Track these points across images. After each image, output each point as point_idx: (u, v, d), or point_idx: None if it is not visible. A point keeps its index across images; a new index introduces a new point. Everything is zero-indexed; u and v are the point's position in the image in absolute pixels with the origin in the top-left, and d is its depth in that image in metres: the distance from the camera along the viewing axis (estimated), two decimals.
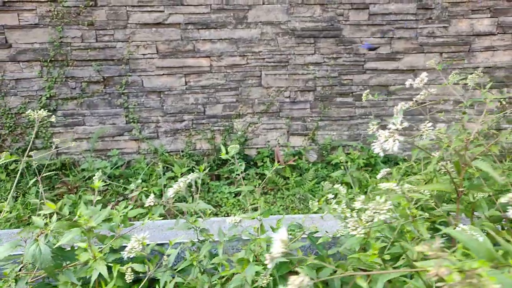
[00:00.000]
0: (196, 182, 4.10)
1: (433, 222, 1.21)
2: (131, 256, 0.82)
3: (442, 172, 1.26)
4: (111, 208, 1.57)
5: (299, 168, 4.03)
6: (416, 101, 1.43)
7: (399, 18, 3.91)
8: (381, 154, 0.83)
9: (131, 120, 3.99)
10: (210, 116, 4.08)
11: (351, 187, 3.80)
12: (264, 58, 3.95)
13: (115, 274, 0.91)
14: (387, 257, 0.91)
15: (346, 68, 4.05)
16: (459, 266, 0.46)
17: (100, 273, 0.88)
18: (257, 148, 4.20)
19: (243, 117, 4.12)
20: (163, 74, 3.90)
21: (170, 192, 0.96)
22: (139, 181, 2.41)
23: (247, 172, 3.90)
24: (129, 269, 0.91)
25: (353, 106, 4.17)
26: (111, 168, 3.82)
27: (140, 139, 4.06)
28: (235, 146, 1.52)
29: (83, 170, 3.84)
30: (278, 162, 4.00)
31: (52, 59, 3.75)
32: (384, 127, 0.93)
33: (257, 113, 4.12)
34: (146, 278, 0.98)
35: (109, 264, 0.94)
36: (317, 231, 1.20)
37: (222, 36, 3.84)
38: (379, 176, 1.51)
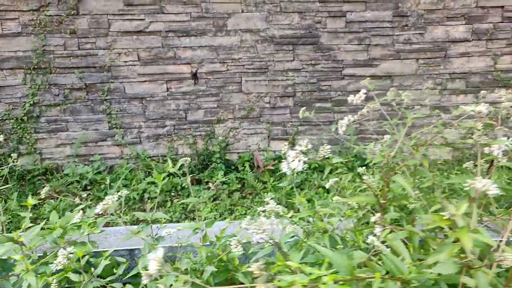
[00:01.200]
0: (175, 187, 4.12)
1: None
2: (58, 268, 0.90)
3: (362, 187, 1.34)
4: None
5: (278, 173, 4.11)
6: (361, 114, 1.51)
7: (375, 26, 4.00)
8: (288, 173, 0.91)
9: (114, 126, 4.07)
10: (191, 122, 4.16)
11: (328, 191, 3.88)
12: (244, 65, 4.03)
13: (40, 284, 0.99)
14: None
15: (325, 74, 4.13)
16: (297, 280, 0.54)
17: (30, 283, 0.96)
18: (238, 152, 4.28)
19: (224, 123, 4.20)
20: (145, 81, 3.98)
21: (97, 209, 1.03)
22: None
23: (227, 176, 3.98)
24: (54, 280, 0.99)
25: (332, 112, 4.25)
26: (94, 173, 3.90)
27: (123, 144, 4.13)
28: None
29: (66, 175, 3.92)
30: (258, 166, 4.08)
31: (35, 66, 3.82)
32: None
33: (238, 119, 4.20)
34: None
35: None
36: (250, 241, 1.28)
37: (203, 43, 3.92)
38: (327, 185, 1.59)
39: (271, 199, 1.16)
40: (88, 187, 3.86)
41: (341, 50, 4.06)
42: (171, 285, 0.78)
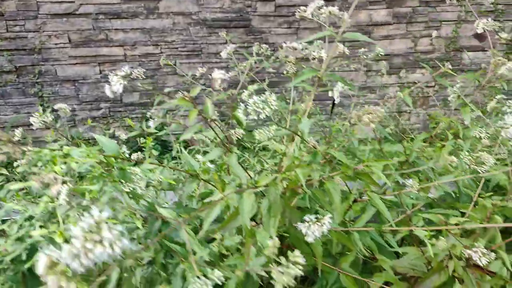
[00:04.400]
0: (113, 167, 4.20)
1: None
2: None
3: None
4: None
5: None
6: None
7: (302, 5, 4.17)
8: (111, 96, 1.00)
9: (46, 109, 4.05)
10: (127, 104, 4.21)
11: None
12: (177, 48, 4.12)
13: None
14: None
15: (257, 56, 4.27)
16: None
17: None
18: (175, 134, 4.37)
19: (160, 105, 4.27)
20: (76, 63, 3.99)
21: None
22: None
23: (163, 156, 4.07)
24: None
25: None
26: None
27: (57, 127, 4.12)
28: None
29: None
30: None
31: None
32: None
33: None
34: None
35: None
36: None
37: (134, 25, 3.97)
38: None
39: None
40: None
41: (272, 33, 4.22)
42: None
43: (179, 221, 0.69)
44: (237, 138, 1.02)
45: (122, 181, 0.87)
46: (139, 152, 1.27)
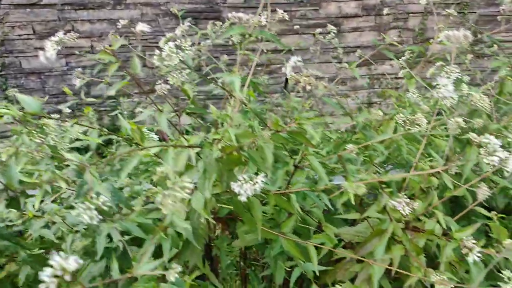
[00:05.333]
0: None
1: None
2: None
3: None
4: None
5: None
6: None
7: (272, 1, 4.17)
8: (45, 62, 0.98)
9: (12, 102, 3.95)
10: (95, 97, 4.12)
11: None
12: (146, 39, 4.06)
13: None
14: None
15: (226, 48, 4.27)
16: None
17: None
18: (146, 126, 4.32)
19: (130, 97, 4.22)
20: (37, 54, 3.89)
21: None
22: None
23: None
24: None
25: None
26: None
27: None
28: None
29: None
30: (163, 139, 4.16)
31: None
32: None
33: (144, 93, 4.23)
34: None
35: None
36: None
37: (101, 16, 3.90)
38: None
39: None
40: None
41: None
42: None
43: (84, 164, 0.68)
44: (163, 93, 1.02)
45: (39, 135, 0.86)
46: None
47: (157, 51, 0.65)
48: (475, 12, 4.34)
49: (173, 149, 0.71)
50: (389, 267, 0.87)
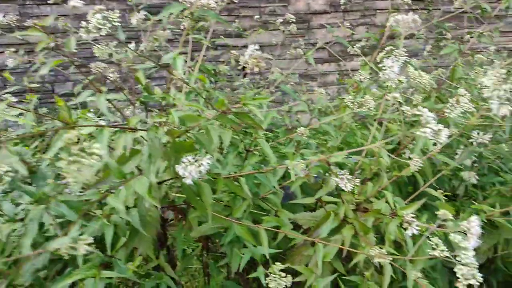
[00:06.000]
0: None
1: None
2: None
3: None
4: None
5: None
6: None
7: None
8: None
9: None
10: (60, 95, 4.01)
11: None
12: (113, 34, 3.96)
13: None
14: None
15: (196, 44, 4.22)
16: None
17: None
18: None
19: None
20: (2, 52, 3.74)
21: None
22: None
23: None
24: None
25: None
26: None
27: None
28: None
29: None
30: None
31: None
32: None
33: (112, 90, 4.14)
34: None
35: None
36: None
37: (65, 12, 3.78)
38: None
39: None
40: None
41: (212, 21, 4.17)
42: None
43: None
44: (98, 70, 1.00)
45: None
46: None
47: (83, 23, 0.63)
48: (440, 9, 4.45)
49: (108, 130, 0.68)
50: (341, 247, 0.88)
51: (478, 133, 1.14)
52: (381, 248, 0.81)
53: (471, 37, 1.48)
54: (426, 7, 4.37)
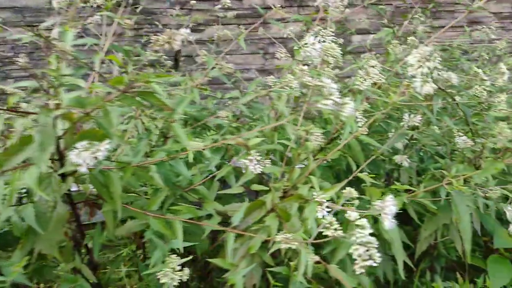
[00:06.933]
0: None
1: None
2: None
3: None
4: None
5: None
6: None
7: None
8: None
9: None
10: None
11: None
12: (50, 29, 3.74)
13: None
14: None
15: (148, 39, 4.07)
16: None
17: None
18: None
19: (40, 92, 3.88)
20: None
21: None
22: None
23: None
24: None
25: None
26: None
27: None
28: None
29: None
30: None
31: None
32: None
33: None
34: None
35: None
36: None
37: (4, 4, 3.54)
38: None
39: None
40: None
41: (164, 15, 4.03)
42: None
43: None
44: None
45: None
46: None
47: None
48: (392, 4, 4.52)
49: None
50: (267, 239, 0.84)
51: (409, 115, 1.12)
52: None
53: (404, 21, 1.51)
54: (379, 2, 4.43)
